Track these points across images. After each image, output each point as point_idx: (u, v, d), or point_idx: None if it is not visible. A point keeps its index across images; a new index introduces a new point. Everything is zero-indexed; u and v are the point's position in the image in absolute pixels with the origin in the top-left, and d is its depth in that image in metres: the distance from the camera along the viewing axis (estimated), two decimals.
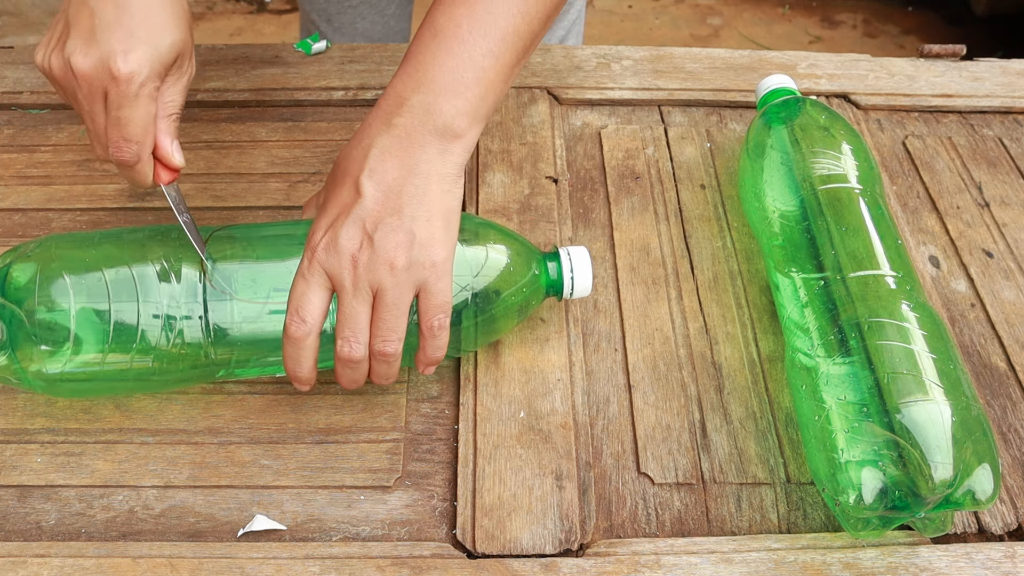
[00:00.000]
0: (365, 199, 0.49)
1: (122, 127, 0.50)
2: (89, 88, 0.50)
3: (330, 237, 0.49)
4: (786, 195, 0.59)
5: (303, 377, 0.50)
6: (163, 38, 0.51)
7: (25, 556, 0.48)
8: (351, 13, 1.02)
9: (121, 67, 0.49)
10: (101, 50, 0.49)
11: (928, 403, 0.46)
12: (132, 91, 0.50)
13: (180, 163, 0.54)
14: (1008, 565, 0.48)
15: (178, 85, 0.53)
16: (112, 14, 0.50)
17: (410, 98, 0.50)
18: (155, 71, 0.50)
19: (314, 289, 0.49)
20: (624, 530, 0.50)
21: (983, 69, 0.79)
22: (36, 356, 0.49)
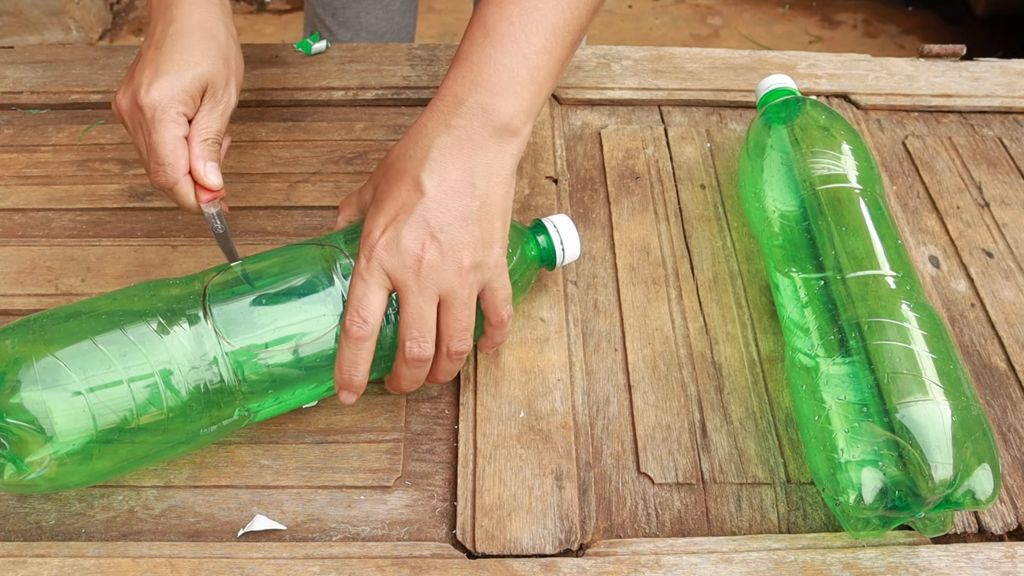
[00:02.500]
0: (428, 198, 0.49)
1: (153, 151, 0.54)
2: (130, 122, 0.56)
3: (391, 236, 0.48)
4: (786, 195, 0.59)
5: (357, 382, 0.49)
6: (188, 70, 0.55)
7: (25, 556, 0.48)
8: (356, 7, 1.02)
9: (143, 97, 0.54)
10: (132, 86, 0.55)
11: (928, 403, 0.46)
12: (156, 118, 0.54)
13: (214, 184, 0.56)
14: (1008, 565, 0.48)
15: (214, 112, 0.56)
16: (151, 55, 0.56)
17: (467, 99, 0.51)
18: (177, 98, 0.54)
19: (374, 289, 0.48)
20: (624, 530, 0.50)
21: (983, 69, 0.79)
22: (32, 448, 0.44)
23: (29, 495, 0.51)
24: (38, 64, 0.79)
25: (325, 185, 0.69)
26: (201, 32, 0.56)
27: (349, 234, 0.53)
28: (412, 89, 0.76)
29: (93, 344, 0.45)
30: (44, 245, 0.64)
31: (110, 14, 2.31)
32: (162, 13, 0.57)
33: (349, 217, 0.56)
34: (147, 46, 0.57)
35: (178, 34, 0.56)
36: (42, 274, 0.62)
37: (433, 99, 0.53)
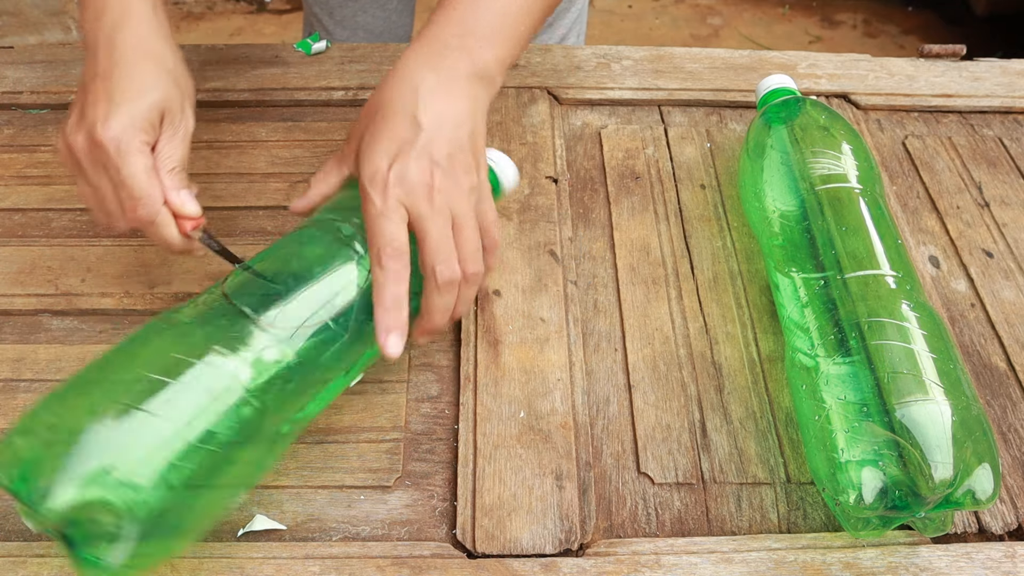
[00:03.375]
0: (426, 131, 0.51)
1: (126, 187, 0.52)
2: (88, 161, 0.52)
3: (399, 170, 0.50)
4: (786, 195, 0.59)
5: (404, 319, 0.49)
6: (143, 98, 0.52)
7: (25, 556, 0.48)
8: (352, 6, 1.02)
9: (102, 133, 0.51)
10: (86, 123, 0.52)
11: (928, 403, 0.46)
12: (122, 151, 0.51)
13: (194, 212, 0.54)
14: (1008, 565, 0.48)
15: (175, 139, 0.54)
16: (99, 87, 0.53)
17: (451, 43, 0.54)
18: (138, 127, 0.52)
19: (398, 224, 0.49)
20: (624, 530, 0.50)
21: (983, 69, 0.79)
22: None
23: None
24: (38, 64, 0.79)
25: None
26: (148, 57, 0.54)
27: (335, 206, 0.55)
28: None
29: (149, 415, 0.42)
30: (44, 245, 0.64)
31: None
32: (101, 41, 0.54)
33: (327, 190, 0.56)
34: (91, 78, 0.53)
35: (124, 62, 0.53)
36: (42, 274, 0.62)
37: (416, 42, 0.55)
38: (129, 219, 0.53)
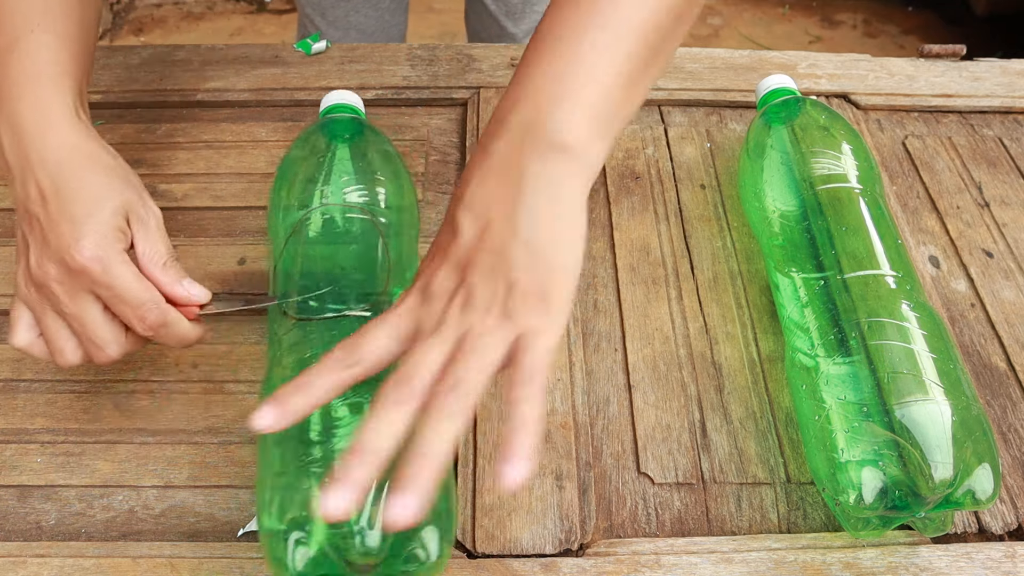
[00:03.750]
0: (461, 238, 0.42)
1: (127, 300, 0.48)
2: (66, 291, 0.47)
3: (423, 282, 0.42)
4: (786, 195, 0.59)
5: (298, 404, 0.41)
6: (103, 207, 0.48)
7: (25, 556, 0.48)
8: (345, 6, 1.02)
9: (78, 257, 0.46)
10: (54, 250, 0.47)
11: (928, 403, 0.46)
12: (107, 269, 0.47)
13: (203, 298, 0.50)
14: (1008, 565, 0.48)
15: (150, 234, 0.50)
16: (51, 212, 0.48)
17: (508, 117, 0.43)
18: (112, 238, 0.48)
19: (386, 330, 0.41)
20: (624, 530, 0.50)
21: (983, 69, 0.79)
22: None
23: (29, 495, 0.51)
24: None
25: None
26: (89, 163, 0.49)
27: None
28: (412, 89, 0.76)
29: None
30: None
31: (110, 14, 2.31)
32: (31, 163, 0.48)
33: None
34: (34, 203, 0.48)
35: (66, 177, 0.48)
36: None
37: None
38: (142, 329, 0.48)
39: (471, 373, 0.39)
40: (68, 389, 0.56)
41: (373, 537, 0.41)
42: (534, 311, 0.40)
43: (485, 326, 0.40)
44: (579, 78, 0.42)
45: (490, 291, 0.40)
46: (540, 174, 0.42)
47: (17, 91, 0.50)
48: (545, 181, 0.42)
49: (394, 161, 0.60)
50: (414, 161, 0.71)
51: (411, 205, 0.58)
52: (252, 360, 0.57)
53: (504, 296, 0.40)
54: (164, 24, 2.33)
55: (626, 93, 0.44)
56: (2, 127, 0.50)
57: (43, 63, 0.50)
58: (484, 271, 0.40)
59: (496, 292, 0.40)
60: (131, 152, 0.71)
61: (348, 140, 0.60)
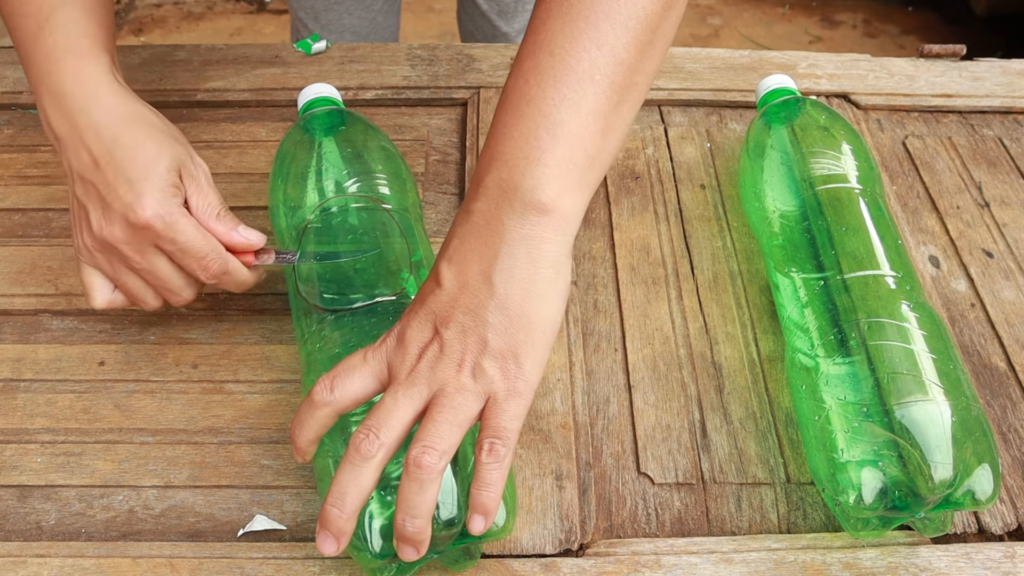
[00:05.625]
0: (441, 291, 0.43)
1: (190, 252, 0.51)
2: (134, 248, 0.51)
3: (400, 328, 0.44)
4: (786, 195, 0.59)
5: (297, 442, 0.45)
6: (157, 165, 0.51)
7: (25, 556, 0.48)
8: (338, 9, 1.02)
9: (141, 215, 0.49)
10: (116, 212, 0.50)
11: (928, 403, 0.46)
12: (169, 223, 0.50)
13: (259, 240, 0.53)
14: (1008, 565, 0.48)
15: (202, 188, 0.53)
16: (108, 176, 0.50)
17: (484, 178, 0.44)
18: (169, 195, 0.50)
19: (363, 371, 0.43)
20: (624, 530, 0.50)
21: (983, 69, 0.79)
22: None
23: (29, 495, 0.51)
24: None
25: None
26: (136, 124, 0.52)
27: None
28: (412, 89, 0.76)
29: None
30: (44, 245, 0.64)
31: None
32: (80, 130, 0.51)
33: None
34: (88, 169, 0.51)
35: (117, 139, 0.51)
36: (42, 274, 0.62)
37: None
38: (206, 278, 0.52)
39: (444, 434, 0.41)
40: (68, 389, 0.56)
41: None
42: (505, 373, 0.42)
43: (459, 383, 0.41)
44: (549, 136, 0.43)
45: (462, 347, 0.42)
46: (518, 233, 0.43)
47: (56, 65, 0.52)
48: (522, 239, 0.43)
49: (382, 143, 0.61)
50: (414, 161, 0.71)
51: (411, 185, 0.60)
52: (252, 360, 0.57)
53: (476, 355, 0.42)
54: (164, 24, 2.33)
55: (600, 139, 0.45)
56: (46, 100, 0.52)
57: (75, 36, 0.52)
58: (458, 329, 0.42)
59: (468, 349, 0.42)
60: None
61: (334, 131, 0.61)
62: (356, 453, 0.41)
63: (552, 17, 0.45)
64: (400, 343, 0.43)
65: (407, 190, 0.59)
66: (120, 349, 0.58)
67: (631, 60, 0.45)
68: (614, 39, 0.44)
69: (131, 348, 0.58)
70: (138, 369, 0.57)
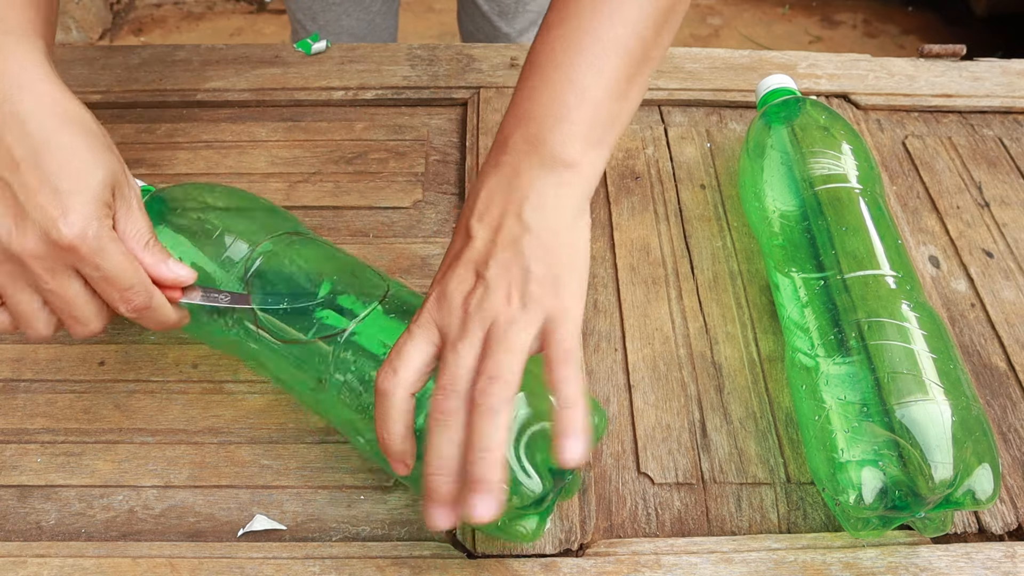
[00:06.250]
0: (475, 241, 0.44)
1: (114, 282, 0.45)
2: (47, 265, 0.44)
3: (440, 288, 0.44)
4: (786, 195, 0.59)
5: (393, 444, 0.43)
6: (90, 178, 0.45)
7: (25, 556, 0.48)
8: (336, 10, 1.02)
9: (65, 233, 0.43)
10: (34, 223, 0.43)
11: (928, 403, 0.46)
12: (97, 247, 0.44)
13: (188, 278, 0.49)
14: (1008, 565, 0.48)
15: (132, 212, 0.47)
16: (32, 178, 0.44)
17: (513, 135, 0.47)
18: (101, 215, 0.45)
19: (416, 342, 0.43)
20: (624, 530, 0.50)
21: (983, 69, 0.79)
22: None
23: (29, 495, 0.51)
24: None
25: (325, 185, 0.69)
26: (72, 126, 0.45)
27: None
28: (412, 89, 0.76)
29: None
30: None
31: (110, 14, 2.31)
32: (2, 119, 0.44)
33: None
34: (7, 168, 0.44)
35: (48, 140, 0.44)
36: None
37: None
38: (126, 311, 0.47)
39: (505, 362, 0.41)
40: (68, 389, 0.56)
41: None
42: (553, 295, 0.43)
43: (509, 314, 0.42)
44: (575, 98, 0.47)
45: (507, 280, 0.43)
46: (545, 182, 0.45)
47: None
48: (550, 187, 0.45)
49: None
50: (414, 161, 0.71)
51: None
52: None
53: (522, 283, 0.43)
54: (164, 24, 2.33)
55: (619, 104, 0.48)
56: None
57: (12, 21, 0.47)
58: (500, 264, 0.43)
59: (513, 280, 0.43)
60: (131, 152, 0.71)
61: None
62: (441, 412, 0.41)
63: None
64: (442, 301, 0.43)
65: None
66: (120, 349, 0.58)
67: (649, 36, 0.49)
68: (636, 16, 0.48)
69: (131, 348, 0.58)
70: (138, 369, 0.57)
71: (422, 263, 0.63)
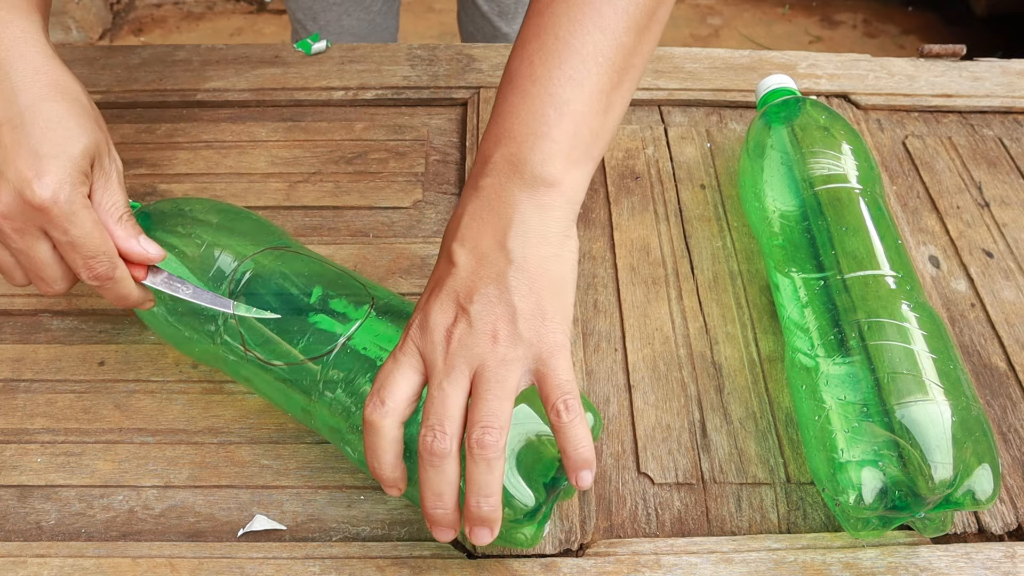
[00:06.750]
0: (458, 269, 0.43)
1: (80, 248, 0.46)
2: (16, 225, 0.45)
3: (423, 314, 0.43)
4: (786, 195, 0.59)
5: (384, 474, 0.43)
6: (71, 146, 0.45)
7: (25, 556, 0.48)
8: (336, 10, 1.02)
9: (39, 194, 0.44)
10: (8, 183, 0.44)
11: (928, 403, 0.46)
12: (67, 211, 0.45)
13: (156, 256, 0.49)
14: (1008, 565, 0.48)
15: (110, 186, 0.48)
16: (9, 137, 0.44)
17: (493, 155, 0.45)
18: (77, 182, 0.45)
19: (402, 370, 0.43)
20: (624, 530, 0.50)
21: (983, 69, 0.79)
22: None
23: (29, 495, 0.51)
24: None
25: (325, 185, 0.69)
26: (59, 93, 0.46)
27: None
28: (412, 89, 0.76)
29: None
30: None
31: (110, 14, 2.31)
32: None
33: None
34: None
35: (33, 102, 0.45)
36: None
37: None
38: (87, 277, 0.47)
39: (496, 410, 0.41)
40: (68, 389, 0.56)
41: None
42: (540, 332, 0.42)
43: (497, 356, 0.41)
44: (555, 113, 0.45)
45: (492, 318, 0.42)
46: (528, 204, 0.44)
47: None
48: (533, 211, 0.44)
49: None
50: (414, 161, 0.71)
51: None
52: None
53: (509, 322, 0.42)
54: (164, 24, 2.33)
55: (601, 117, 0.47)
56: None
57: None
58: (485, 300, 0.42)
59: (499, 319, 0.42)
60: (131, 152, 0.71)
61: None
62: (432, 455, 0.41)
63: (556, 1, 0.47)
64: (425, 330, 0.43)
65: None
66: (120, 349, 0.58)
67: (631, 43, 0.47)
68: (615, 23, 0.46)
69: (131, 348, 0.58)
70: (138, 369, 0.57)
71: (422, 263, 0.63)
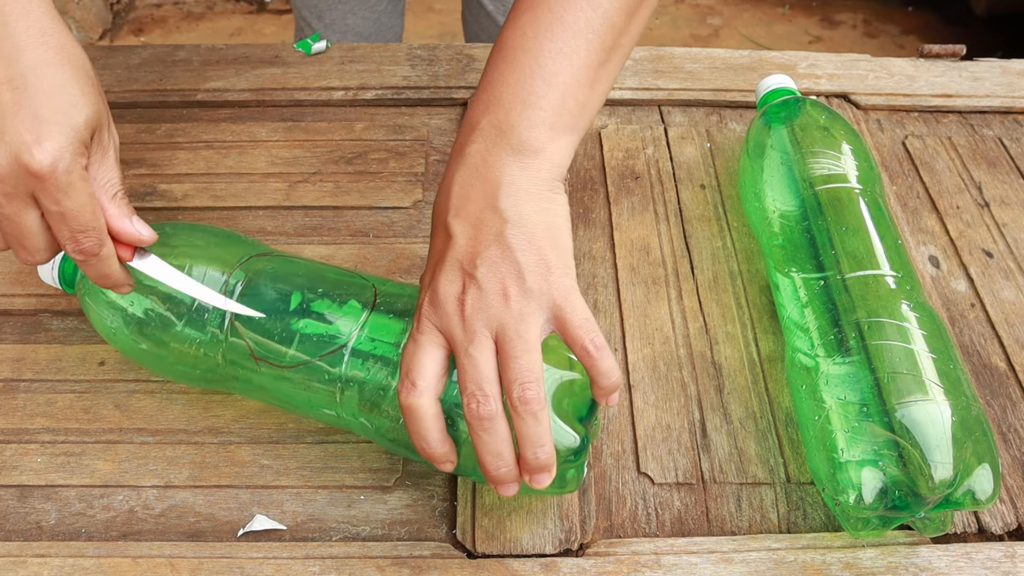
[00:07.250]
0: (456, 238, 0.44)
1: (70, 220, 0.44)
2: (5, 189, 0.43)
3: (431, 291, 0.44)
4: (786, 195, 0.59)
5: (434, 452, 0.44)
6: (75, 115, 0.44)
7: (25, 556, 0.48)
8: (342, 9, 1.02)
9: (37, 158, 0.42)
10: (8, 145, 0.42)
11: (928, 403, 0.46)
12: (64, 181, 0.43)
13: (151, 237, 0.48)
14: (1008, 565, 0.48)
15: (107, 161, 0.46)
16: (10, 97, 0.42)
17: (480, 121, 0.47)
18: (76, 152, 0.43)
19: (424, 349, 0.43)
20: (624, 530, 0.50)
21: (983, 69, 0.79)
22: None
23: (29, 495, 0.51)
24: None
25: (325, 185, 0.69)
26: (64, 59, 0.44)
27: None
28: (412, 89, 0.76)
29: None
30: None
31: (110, 14, 2.32)
32: None
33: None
34: None
35: (36, 65, 0.43)
36: None
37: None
38: (73, 250, 0.45)
39: (528, 364, 0.42)
40: (68, 389, 0.56)
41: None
42: (548, 281, 0.43)
43: (513, 312, 0.43)
44: (544, 84, 0.47)
45: (499, 278, 0.43)
46: (515, 166, 0.46)
47: None
48: (519, 170, 0.46)
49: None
50: (414, 161, 0.71)
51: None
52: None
53: (516, 278, 0.43)
54: (164, 24, 2.33)
55: (588, 90, 0.48)
56: None
57: None
58: (489, 262, 0.43)
59: (507, 277, 0.43)
60: (131, 152, 0.71)
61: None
62: (480, 419, 0.42)
63: None
64: (437, 304, 0.44)
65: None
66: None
67: (620, 23, 0.49)
68: (608, 3, 0.48)
69: None
70: (138, 369, 0.57)
71: (422, 263, 0.63)
